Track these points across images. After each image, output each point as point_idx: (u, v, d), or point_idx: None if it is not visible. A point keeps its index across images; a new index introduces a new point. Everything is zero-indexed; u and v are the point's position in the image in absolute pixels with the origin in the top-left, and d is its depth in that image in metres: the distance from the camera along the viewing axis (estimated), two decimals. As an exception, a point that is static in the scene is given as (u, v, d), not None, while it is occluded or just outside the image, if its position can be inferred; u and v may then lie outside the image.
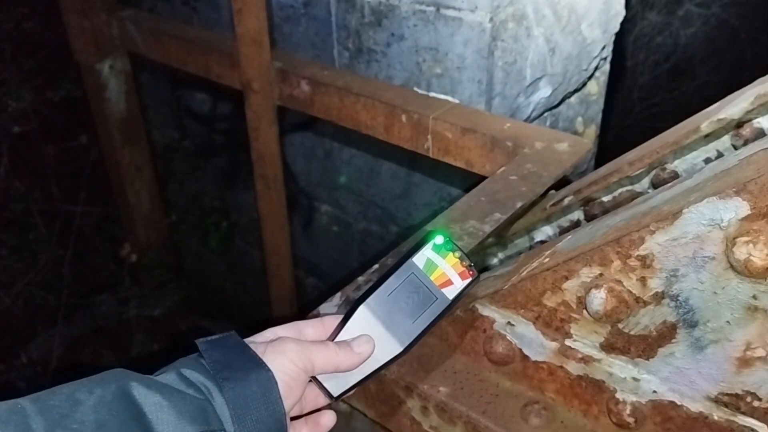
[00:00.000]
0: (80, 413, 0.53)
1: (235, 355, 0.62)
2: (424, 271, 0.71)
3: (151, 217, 2.58)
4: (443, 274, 0.72)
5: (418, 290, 0.71)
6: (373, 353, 0.68)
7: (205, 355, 0.62)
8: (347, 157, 2.11)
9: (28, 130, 2.37)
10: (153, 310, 2.55)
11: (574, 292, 0.77)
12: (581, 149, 1.33)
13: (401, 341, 0.70)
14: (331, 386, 0.69)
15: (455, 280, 0.72)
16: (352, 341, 0.68)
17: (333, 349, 0.67)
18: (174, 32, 1.97)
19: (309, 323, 0.72)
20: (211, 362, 0.61)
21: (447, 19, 1.65)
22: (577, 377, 0.80)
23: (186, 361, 0.63)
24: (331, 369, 0.67)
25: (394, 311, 0.70)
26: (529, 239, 1.28)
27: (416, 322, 0.70)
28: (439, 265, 0.72)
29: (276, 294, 2.22)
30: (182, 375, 0.60)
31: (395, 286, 0.70)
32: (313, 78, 1.71)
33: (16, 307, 2.40)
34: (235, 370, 0.61)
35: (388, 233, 2.16)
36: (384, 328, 0.69)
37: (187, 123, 2.60)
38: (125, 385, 0.56)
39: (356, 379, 0.69)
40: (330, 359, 0.66)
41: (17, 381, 2.37)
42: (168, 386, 0.58)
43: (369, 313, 0.70)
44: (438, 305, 0.71)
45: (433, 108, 1.54)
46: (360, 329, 0.69)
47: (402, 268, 0.71)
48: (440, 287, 0.71)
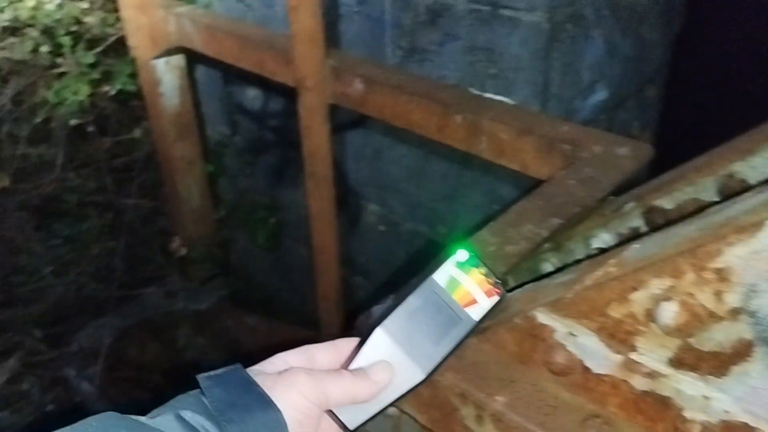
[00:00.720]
0: None
1: (240, 393, 0.57)
2: (446, 289, 0.65)
3: (200, 212, 2.61)
4: (467, 292, 0.66)
5: (440, 310, 0.65)
6: (393, 381, 0.63)
7: (207, 393, 0.57)
8: (396, 157, 2.10)
9: (84, 123, 2.42)
10: (200, 303, 2.58)
11: (643, 304, 0.73)
12: (643, 155, 1.29)
13: (423, 367, 0.64)
14: (347, 418, 0.63)
15: (480, 299, 0.66)
16: (369, 369, 0.62)
17: (349, 379, 0.61)
18: (229, 29, 1.98)
19: (321, 347, 0.66)
20: (214, 401, 0.56)
21: (503, 19, 1.62)
22: (642, 392, 0.77)
23: (186, 400, 0.57)
24: (347, 401, 0.61)
25: (415, 334, 0.64)
26: (585, 246, 1.24)
27: (439, 346, 0.64)
28: (463, 282, 0.66)
29: (322, 292, 2.22)
30: (181, 418, 0.54)
31: (415, 307, 0.64)
32: (366, 76, 1.70)
33: (68, 295, 2.45)
34: (240, 411, 0.55)
35: (436, 234, 2.14)
36: (403, 352, 0.63)
37: (238, 119, 2.62)
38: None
39: (374, 409, 0.63)
40: (346, 391, 0.60)
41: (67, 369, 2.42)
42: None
43: (387, 336, 0.63)
44: (462, 327, 0.65)
45: (489, 109, 1.51)
46: (377, 354, 0.63)
47: (422, 287, 0.65)
48: (464, 307, 0.65)
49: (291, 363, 0.63)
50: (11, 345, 2.36)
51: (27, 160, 2.36)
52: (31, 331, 2.39)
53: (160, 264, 2.64)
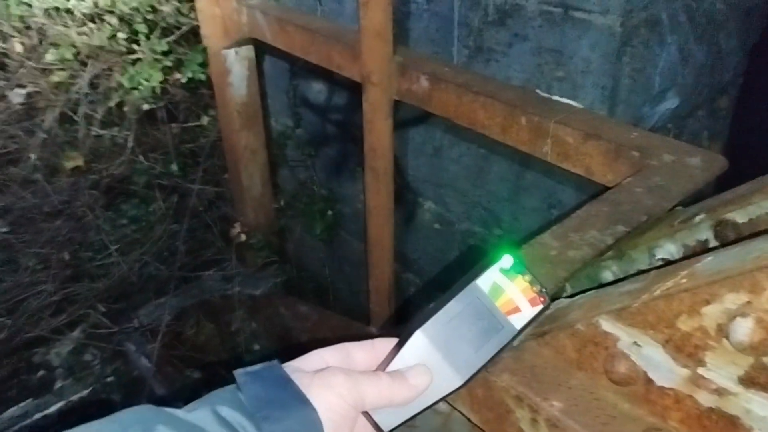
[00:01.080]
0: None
1: (277, 390, 0.57)
2: (489, 295, 0.64)
3: (261, 200, 2.66)
4: (511, 300, 0.65)
5: (482, 317, 0.64)
6: (431, 385, 0.62)
7: (244, 389, 0.56)
8: (456, 155, 2.10)
9: (155, 109, 2.49)
10: (255, 289, 2.64)
11: (715, 318, 0.72)
12: (715, 166, 1.26)
13: (461, 374, 0.63)
14: (382, 420, 0.62)
15: (524, 307, 0.65)
16: (407, 372, 0.62)
17: (386, 382, 0.60)
18: (299, 22, 2.01)
19: (359, 346, 0.66)
20: (250, 398, 0.56)
21: (575, 21, 1.60)
22: (708, 409, 0.76)
23: (222, 396, 0.57)
24: (383, 403, 0.60)
25: (454, 339, 0.63)
26: (649, 256, 1.22)
27: (478, 353, 0.63)
28: (507, 289, 0.65)
29: (375, 285, 2.24)
30: (217, 413, 0.54)
31: (456, 312, 0.64)
32: (432, 74, 1.70)
33: (132, 274, 2.54)
34: (277, 409, 0.55)
35: (491, 236, 2.13)
36: (442, 357, 0.63)
37: (302, 112, 2.66)
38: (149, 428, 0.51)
39: (411, 412, 0.63)
40: (382, 393, 0.60)
41: (127, 343, 2.51)
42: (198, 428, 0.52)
43: (426, 340, 0.63)
44: (503, 335, 0.64)
45: (555, 111, 1.49)
46: (415, 358, 0.62)
47: (464, 292, 0.64)
48: (507, 314, 0.64)
49: (328, 360, 0.63)
50: (77, 317, 2.46)
51: (100, 142, 2.45)
52: (95, 306, 2.49)
53: (219, 248, 2.70)
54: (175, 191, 2.63)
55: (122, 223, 2.56)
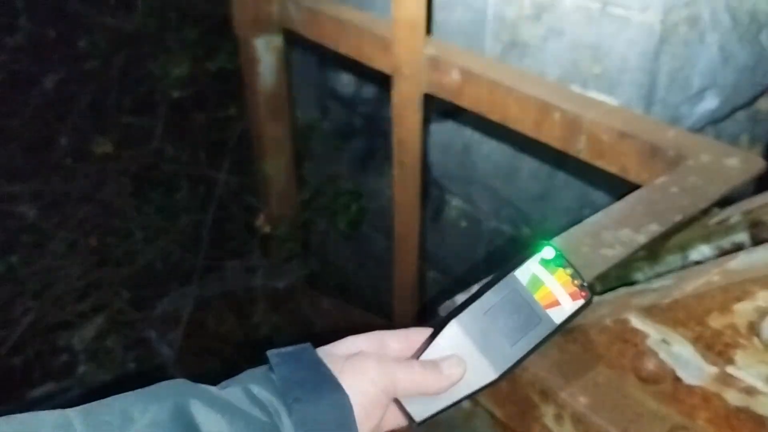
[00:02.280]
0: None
1: (309, 373, 0.56)
2: (527, 287, 0.62)
3: (286, 192, 2.66)
4: (550, 293, 0.62)
5: (520, 310, 0.61)
6: (464, 377, 0.61)
7: (276, 370, 0.57)
8: (486, 152, 2.07)
9: (184, 97, 2.50)
10: (278, 281, 2.63)
11: (746, 316, 0.69)
12: (754, 167, 1.22)
13: (496, 367, 0.61)
14: (414, 410, 0.61)
15: (564, 301, 0.61)
16: (442, 362, 0.60)
17: (419, 370, 0.59)
18: (330, 12, 2.00)
19: (393, 335, 0.65)
20: (282, 379, 0.56)
21: (613, 17, 1.57)
22: (736, 408, 0.73)
23: (255, 375, 0.57)
24: (415, 392, 0.60)
25: (490, 331, 0.61)
26: (683, 257, 1.19)
27: (515, 347, 0.61)
28: (546, 282, 0.62)
29: (399, 282, 2.22)
30: (249, 391, 0.55)
31: (493, 303, 0.62)
32: (464, 67, 1.68)
33: (156, 262, 2.55)
34: (308, 391, 0.55)
35: (520, 235, 2.10)
36: (477, 349, 0.61)
37: (329, 104, 2.65)
38: (184, 402, 0.51)
39: (443, 404, 0.61)
40: (415, 381, 0.59)
41: (149, 331, 2.53)
42: (231, 405, 0.53)
43: (461, 330, 0.61)
44: (541, 329, 0.61)
45: (590, 108, 1.46)
46: (450, 348, 0.61)
47: (502, 283, 0.62)
48: (545, 308, 0.61)
49: (361, 347, 0.62)
50: (101, 303, 2.48)
51: (129, 129, 2.47)
52: (119, 292, 2.50)
53: (244, 239, 2.71)
54: (201, 180, 2.63)
55: (149, 211, 2.57)
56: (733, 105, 1.76)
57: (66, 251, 2.46)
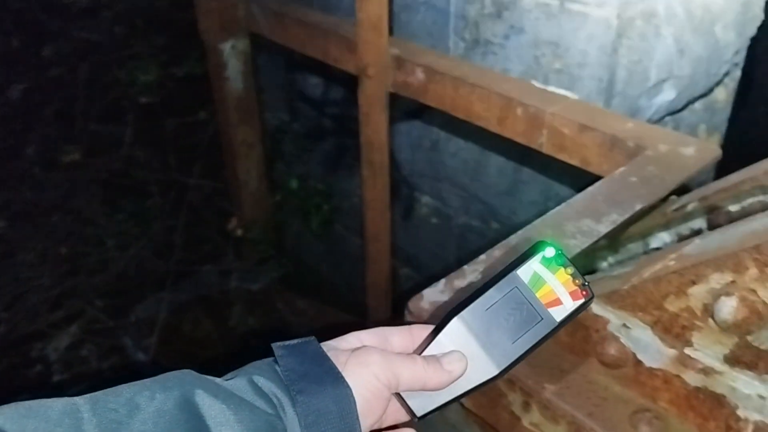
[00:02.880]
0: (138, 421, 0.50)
1: (313, 365, 0.57)
2: (529, 286, 0.63)
3: (257, 195, 2.66)
4: (551, 291, 0.63)
5: (521, 307, 0.62)
6: (465, 373, 0.62)
7: (281, 362, 0.57)
8: (454, 150, 2.10)
9: (152, 103, 2.50)
10: (252, 284, 2.64)
11: (701, 299, 0.72)
12: (709, 155, 1.26)
13: (497, 363, 0.62)
14: (415, 405, 0.62)
15: (565, 300, 0.62)
16: (443, 357, 0.61)
17: (421, 365, 0.60)
18: (296, 15, 2.02)
19: (396, 331, 0.66)
20: (287, 371, 0.56)
21: (571, 13, 1.60)
22: (695, 389, 0.76)
23: (259, 367, 0.58)
24: (417, 386, 0.61)
25: (492, 328, 0.62)
26: (643, 245, 1.22)
27: (516, 344, 0.62)
28: (548, 281, 0.63)
29: (372, 280, 2.24)
30: (253, 383, 0.55)
31: (495, 300, 0.62)
32: (428, 66, 1.70)
33: (129, 269, 2.54)
34: (311, 383, 0.56)
35: (489, 229, 2.13)
36: (479, 346, 0.62)
37: (298, 106, 2.66)
38: (189, 391, 0.52)
39: (444, 399, 0.62)
40: (417, 376, 0.60)
41: (124, 338, 2.51)
42: (236, 396, 0.54)
43: (463, 327, 0.62)
44: (542, 327, 0.62)
45: (551, 102, 1.50)
46: (452, 344, 0.62)
47: (504, 281, 0.63)
48: (547, 306, 0.62)
49: (365, 342, 0.64)
50: (74, 312, 2.46)
51: (97, 137, 2.46)
52: (93, 300, 2.49)
53: (217, 243, 2.71)
54: (172, 186, 2.63)
55: (120, 218, 2.56)
56: (690, 96, 1.81)
57: (37, 261, 2.44)
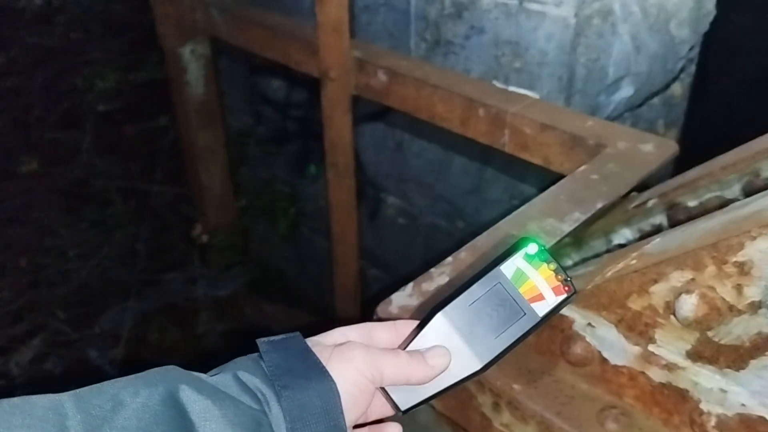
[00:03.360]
0: (122, 418, 0.49)
1: (297, 361, 0.58)
2: (512, 282, 0.63)
3: (222, 200, 2.64)
4: (534, 287, 0.64)
5: (504, 303, 0.63)
6: (449, 368, 0.63)
7: (266, 358, 0.58)
8: (418, 150, 2.10)
9: (111, 110, 2.46)
10: (219, 290, 2.61)
11: (663, 297, 0.74)
12: (667, 151, 1.29)
13: (481, 358, 0.63)
14: (399, 399, 0.63)
15: (547, 295, 0.63)
16: (426, 352, 0.62)
17: (405, 360, 0.61)
18: (256, 18, 2.00)
19: (381, 326, 0.66)
20: (271, 366, 0.57)
21: (530, 12, 1.62)
22: (659, 384, 0.77)
23: (244, 362, 0.58)
24: (401, 381, 0.61)
25: (475, 324, 0.63)
26: (606, 241, 1.24)
27: (499, 338, 0.63)
28: (531, 276, 0.64)
29: (340, 282, 2.24)
30: (238, 378, 0.56)
31: (478, 296, 0.63)
32: (390, 68, 1.70)
33: (92, 279, 2.49)
34: (296, 378, 0.56)
35: (455, 229, 2.14)
36: (462, 341, 0.63)
37: (261, 109, 2.64)
38: (174, 387, 0.52)
39: (428, 393, 0.63)
40: (401, 370, 0.61)
41: (89, 350, 2.47)
42: (221, 392, 0.54)
43: (447, 322, 0.63)
44: (525, 322, 0.63)
45: (513, 102, 1.51)
46: (436, 339, 0.63)
47: (487, 277, 0.64)
48: (530, 302, 0.63)
49: (350, 337, 0.64)
50: (36, 325, 2.41)
51: (56, 145, 2.40)
52: (55, 312, 2.43)
53: (182, 250, 2.67)
54: (134, 193, 2.59)
55: (81, 227, 2.51)
56: (648, 92, 1.84)
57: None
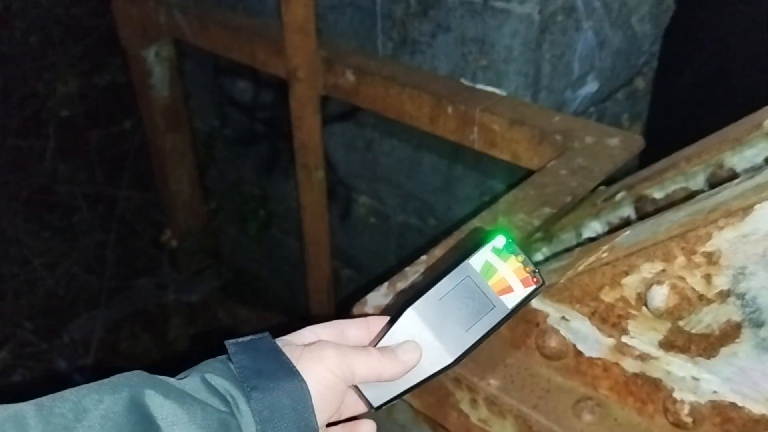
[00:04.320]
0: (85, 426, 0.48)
1: (266, 361, 0.57)
2: (481, 275, 0.64)
3: (191, 204, 2.61)
4: (503, 279, 0.64)
5: (474, 296, 0.63)
6: (420, 362, 0.62)
7: (234, 359, 0.57)
8: (388, 149, 2.10)
9: (74, 115, 2.41)
10: (191, 295, 2.58)
11: (634, 288, 0.75)
12: (633, 145, 1.31)
13: (451, 351, 0.63)
14: (371, 395, 0.62)
15: (516, 287, 0.64)
16: (397, 348, 0.62)
17: (375, 357, 0.61)
18: (220, 19, 1.98)
19: (352, 323, 0.66)
20: (240, 367, 0.56)
21: (495, 10, 1.63)
22: (633, 375, 0.79)
23: (212, 365, 0.58)
24: (373, 378, 0.61)
25: (446, 318, 0.63)
26: (576, 235, 1.26)
27: (469, 332, 0.63)
28: (499, 269, 0.64)
29: (313, 283, 2.23)
30: (206, 381, 0.55)
31: (448, 290, 0.63)
32: (358, 67, 1.70)
33: (59, 288, 2.45)
34: (265, 379, 0.55)
35: (427, 226, 2.15)
36: (433, 335, 0.63)
37: (228, 111, 2.62)
38: (139, 393, 0.51)
39: (400, 389, 0.63)
40: (372, 367, 0.60)
41: (59, 360, 2.42)
42: (188, 395, 0.53)
43: (417, 317, 0.63)
44: (495, 314, 0.63)
45: (481, 100, 1.52)
46: (406, 335, 0.63)
47: (456, 270, 0.64)
48: (499, 294, 0.63)
49: (321, 336, 0.63)
50: (2, 337, 2.35)
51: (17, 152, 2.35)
52: (22, 323, 2.38)
53: (151, 256, 2.63)
54: (100, 199, 2.54)
55: (46, 236, 2.46)
56: (612, 86, 1.87)
57: (-42, 287, 2.32)
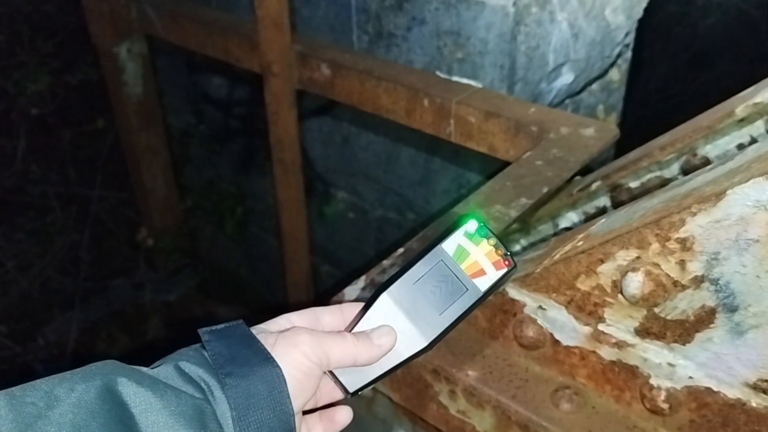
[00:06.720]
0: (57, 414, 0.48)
1: (240, 348, 0.57)
2: (454, 258, 0.64)
3: (167, 202, 2.58)
4: (476, 262, 0.64)
5: (447, 280, 0.64)
6: (395, 347, 0.63)
7: (208, 347, 0.57)
8: (365, 143, 2.10)
9: (45, 113, 2.37)
10: (168, 294, 2.55)
11: (610, 276, 0.75)
12: (608, 135, 1.31)
13: (426, 335, 0.63)
14: (347, 381, 0.63)
15: (489, 270, 0.64)
16: (372, 333, 0.62)
17: (351, 341, 0.61)
18: (193, 15, 1.95)
19: (327, 310, 0.66)
20: (214, 355, 0.56)
21: (470, 3, 1.63)
22: (610, 362, 0.79)
23: (186, 353, 0.57)
24: (348, 363, 0.61)
25: (420, 302, 0.64)
26: (553, 225, 1.26)
27: (443, 315, 0.64)
28: (472, 252, 0.64)
29: (292, 280, 2.22)
30: (180, 369, 0.54)
31: (421, 274, 0.64)
32: (333, 61, 1.69)
33: (33, 290, 2.41)
34: (240, 365, 0.55)
35: (406, 220, 2.15)
36: (408, 319, 0.63)
37: (203, 108, 2.59)
38: (111, 381, 0.50)
39: (375, 374, 0.63)
40: (347, 352, 0.60)
41: (34, 363, 2.38)
42: (161, 383, 0.52)
43: (391, 302, 0.63)
44: (468, 297, 0.64)
45: (457, 92, 1.52)
46: (381, 320, 0.63)
47: (430, 255, 0.64)
48: (472, 277, 0.64)
49: (296, 323, 0.63)
50: (-25, 341, 2.31)
51: (-14, 153, 2.31)
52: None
53: (127, 256, 2.60)
54: (74, 199, 2.50)
55: (18, 237, 2.42)
56: (587, 78, 1.88)
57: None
